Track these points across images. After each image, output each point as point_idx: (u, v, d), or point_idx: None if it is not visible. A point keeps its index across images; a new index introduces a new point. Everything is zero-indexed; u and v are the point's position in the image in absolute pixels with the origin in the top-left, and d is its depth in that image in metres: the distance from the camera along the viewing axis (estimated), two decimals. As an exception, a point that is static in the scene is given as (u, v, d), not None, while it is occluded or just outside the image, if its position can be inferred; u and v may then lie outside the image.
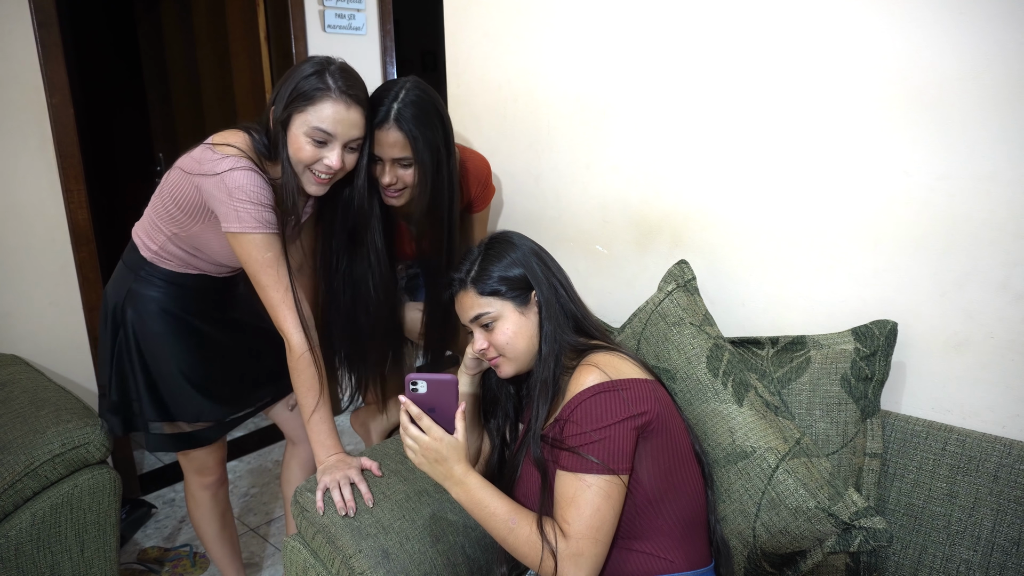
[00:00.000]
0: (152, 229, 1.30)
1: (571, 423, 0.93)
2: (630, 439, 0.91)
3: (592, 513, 0.88)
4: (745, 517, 0.99)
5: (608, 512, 0.89)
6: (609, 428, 0.90)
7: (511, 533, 0.91)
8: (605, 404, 0.91)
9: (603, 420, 0.90)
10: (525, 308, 1.04)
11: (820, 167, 1.15)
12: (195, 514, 1.56)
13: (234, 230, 1.17)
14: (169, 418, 1.38)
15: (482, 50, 1.64)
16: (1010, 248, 1.00)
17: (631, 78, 1.37)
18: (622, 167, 1.42)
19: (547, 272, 1.06)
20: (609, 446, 0.90)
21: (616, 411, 0.91)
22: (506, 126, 1.63)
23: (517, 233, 1.11)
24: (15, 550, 1.31)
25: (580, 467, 0.90)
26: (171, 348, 1.34)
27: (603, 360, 0.96)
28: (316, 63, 1.17)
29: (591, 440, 0.90)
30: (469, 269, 1.06)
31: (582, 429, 0.91)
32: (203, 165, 1.17)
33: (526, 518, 0.92)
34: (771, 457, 0.98)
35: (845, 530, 0.93)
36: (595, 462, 0.89)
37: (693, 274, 1.20)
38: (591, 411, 0.91)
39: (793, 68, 1.15)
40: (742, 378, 1.06)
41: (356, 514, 1.11)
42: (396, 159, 1.26)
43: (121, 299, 1.33)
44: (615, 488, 0.90)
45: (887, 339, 1.06)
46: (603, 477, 0.89)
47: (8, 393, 1.53)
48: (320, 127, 1.14)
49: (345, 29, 2.55)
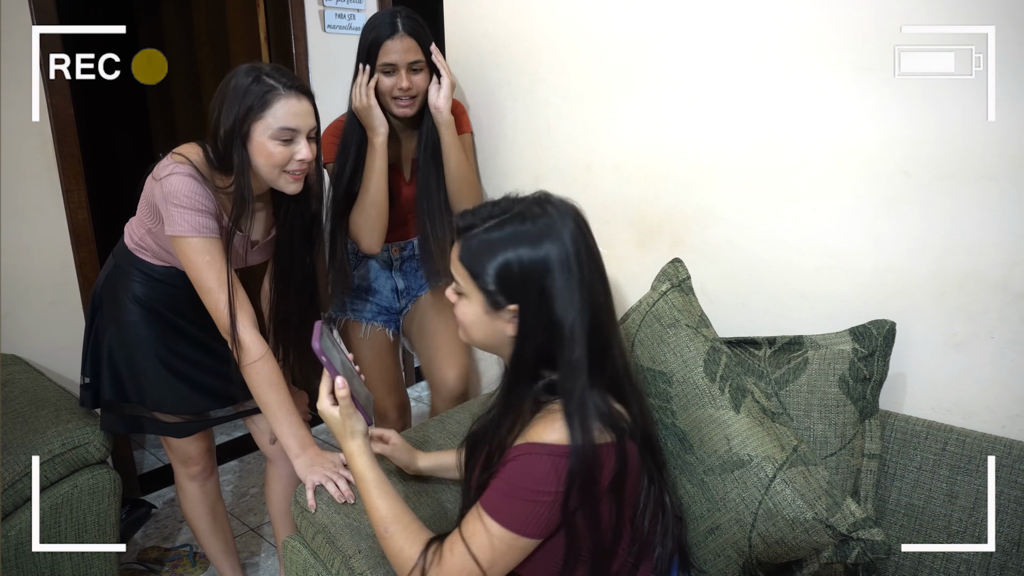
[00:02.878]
0: (137, 223, 1.36)
1: (509, 466, 0.83)
2: (547, 511, 0.81)
3: (479, 558, 0.81)
4: (741, 527, 0.98)
5: (500, 564, 0.82)
6: (537, 494, 0.80)
7: (382, 539, 0.90)
8: (542, 468, 0.80)
9: (536, 483, 0.80)
10: (495, 313, 0.87)
11: (820, 167, 1.15)
12: (185, 507, 1.57)
13: (172, 233, 1.21)
14: (124, 399, 1.40)
15: (482, 50, 1.63)
16: (1010, 248, 0.99)
17: (631, 78, 1.37)
18: (622, 167, 1.42)
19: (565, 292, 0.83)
20: (532, 510, 0.80)
21: (548, 480, 0.80)
22: (506, 126, 1.63)
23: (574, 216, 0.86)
24: (15, 550, 1.31)
25: (497, 514, 0.81)
26: (148, 336, 1.36)
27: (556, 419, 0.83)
28: (247, 71, 1.20)
29: (519, 496, 0.81)
30: (472, 225, 0.87)
31: (516, 481, 0.81)
32: (160, 171, 1.22)
33: (404, 529, 0.88)
34: (768, 467, 0.97)
35: (843, 541, 0.92)
36: (512, 519, 0.81)
37: (687, 273, 1.19)
38: (528, 468, 0.81)
39: (793, 68, 1.15)
40: (739, 383, 1.05)
41: (357, 514, 1.11)
42: (410, 63, 1.43)
43: (101, 284, 1.40)
44: (519, 547, 0.82)
45: (885, 339, 1.05)
46: (513, 535, 0.81)
47: (8, 393, 1.53)
48: (285, 126, 1.19)
49: (345, 29, 2.55)
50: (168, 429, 1.42)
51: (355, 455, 0.93)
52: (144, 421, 1.42)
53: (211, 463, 1.56)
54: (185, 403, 1.40)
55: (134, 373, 1.37)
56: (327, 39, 2.51)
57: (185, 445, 1.48)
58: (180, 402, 1.39)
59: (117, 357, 1.38)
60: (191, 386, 1.39)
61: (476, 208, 0.88)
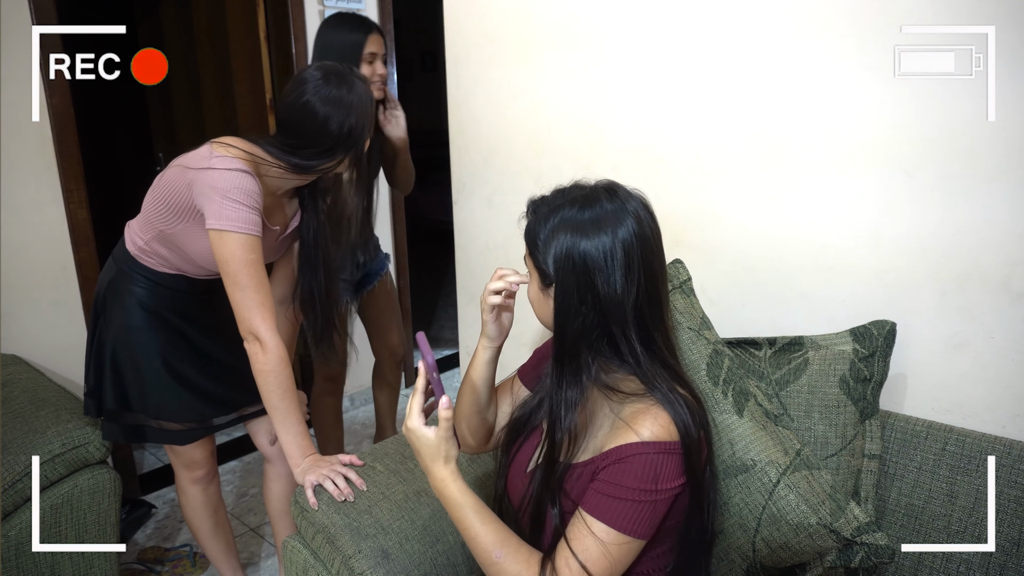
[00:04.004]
0: (142, 225, 1.33)
1: (616, 470, 0.82)
2: (664, 508, 0.83)
3: (609, 568, 0.81)
4: (745, 531, 0.98)
5: (619, 571, 0.83)
6: (657, 493, 0.81)
7: (494, 566, 0.83)
8: (662, 466, 0.82)
9: (654, 483, 0.81)
10: (547, 291, 0.88)
11: (820, 167, 1.15)
12: (187, 510, 1.57)
13: (222, 227, 1.18)
14: (127, 407, 1.39)
15: (482, 50, 1.63)
16: (1010, 248, 0.99)
17: (631, 78, 1.37)
18: (622, 167, 1.42)
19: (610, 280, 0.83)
20: (651, 511, 0.82)
21: (669, 477, 0.82)
22: (506, 126, 1.63)
23: (637, 205, 0.88)
24: (15, 550, 1.31)
25: (614, 520, 0.81)
26: (151, 343, 1.35)
27: (663, 415, 0.84)
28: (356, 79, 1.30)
29: (636, 498, 0.81)
30: (539, 207, 0.89)
31: (629, 483, 0.81)
32: (203, 161, 1.19)
33: (514, 551, 0.84)
34: (772, 471, 0.97)
35: (847, 546, 0.92)
36: (630, 522, 0.81)
37: (688, 274, 1.19)
38: (647, 468, 0.81)
39: (793, 68, 1.15)
40: (742, 386, 1.05)
41: (357, 514, 1.11)
42: (380, 55, 1.77)
43: (103, 289, 1.37)
44: (634, 550, 0.83)
45: (886, 339, 1.05)
46: (630, 538, 0.81)
47: (8, 393, 1.53)
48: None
49: (345, 29, 2.54)
50: (171, 437, 1.42)
51: (449, 481, 0.86)
52: (147, 430, 1.41)
53: (214, 467, 1.56)
54: (188, 410, 1.39)
55: (137, 379, 1.37)
56: (327, 39, 2.51)
57: (189, 450, 1.48)
58: (183, 409, 1.39)
59: (121, 362, 1.36)
60: (194, 393, 1.39)
61: (549, 194, 0.90)
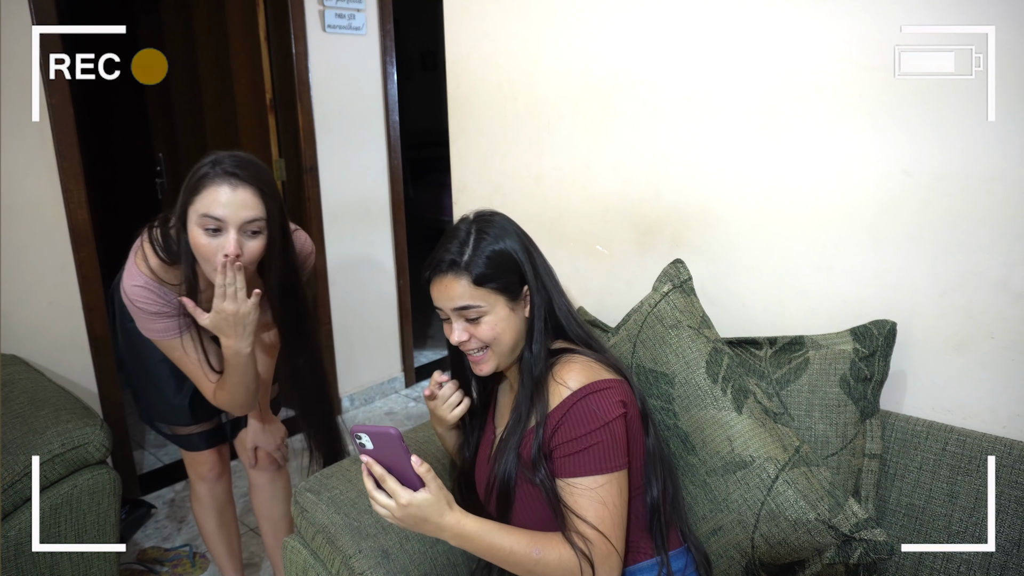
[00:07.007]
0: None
1: (565, 428, 0.92)
2: (622, 434, 0.93)
3: (612, 510, 0.89)
4: (744, 528, 0.98)
5: (622, 506, 0.91)
6: (606, 427, 0.91)
7: (538, 564, 0.87)
8: (598, 404, 0.92)
9: (599, 420, 0.91)
10: (515, 304, 0.98)
11: (820, 167, 1.15)
12: (194, 507, 1.60)
13: (143, 334, 1.26)
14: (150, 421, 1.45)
15: (482, 50, 1.63)
16: (1010, 248, 0.99)
17: (631, 78, 1.37)
18: (622, 167, 1.42)
19: (540, 264, 1.01)
20: (611, 444, 0.91)
21: (608, 410, 0.92)
22: (506, 126, 1.63)
23: (502, 214, 1.02)
24: (15, 550, 1.31)
25: (588, 469, 0.90)
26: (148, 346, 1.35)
27: (580, 362, 0.96)
28: (211, 156, 1.13)
29: (593, 441, 0.90)
30: (461, 251, 0.94)
31: (580, 432, 0.91)
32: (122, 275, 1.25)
33: (546, 542, 0.88)
34: (771, 467, 0.97)
35: (845, 542, 0.93)
36: (601, 463, 0.90)
37: (689, 274, 1.19)
38: (585, 413, 0.91)
39: (793, 68, 1.15)
40: (741, 384, 1.05)
41: (357, 514, 1.11)
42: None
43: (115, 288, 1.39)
44: (623, 480, 0.92)
45: (886, 339, 1.05)
46: (611, 475, 0.90)
47: (8, 393, 1.53)
48: (208, 213, 1.07)
49: (345, 29, 2.55)
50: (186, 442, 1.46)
51: (463, 520, 0.87)
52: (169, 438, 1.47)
53: (224, 468, 1.59)
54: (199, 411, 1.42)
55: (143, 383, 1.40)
56: (327, 39, 2.51)
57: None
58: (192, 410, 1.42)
59: (129, 367, 1.40)
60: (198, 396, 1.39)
61: (445, 245, 0.96)
